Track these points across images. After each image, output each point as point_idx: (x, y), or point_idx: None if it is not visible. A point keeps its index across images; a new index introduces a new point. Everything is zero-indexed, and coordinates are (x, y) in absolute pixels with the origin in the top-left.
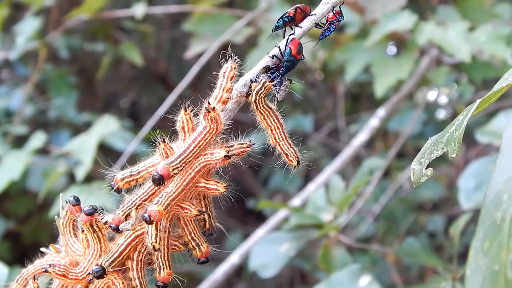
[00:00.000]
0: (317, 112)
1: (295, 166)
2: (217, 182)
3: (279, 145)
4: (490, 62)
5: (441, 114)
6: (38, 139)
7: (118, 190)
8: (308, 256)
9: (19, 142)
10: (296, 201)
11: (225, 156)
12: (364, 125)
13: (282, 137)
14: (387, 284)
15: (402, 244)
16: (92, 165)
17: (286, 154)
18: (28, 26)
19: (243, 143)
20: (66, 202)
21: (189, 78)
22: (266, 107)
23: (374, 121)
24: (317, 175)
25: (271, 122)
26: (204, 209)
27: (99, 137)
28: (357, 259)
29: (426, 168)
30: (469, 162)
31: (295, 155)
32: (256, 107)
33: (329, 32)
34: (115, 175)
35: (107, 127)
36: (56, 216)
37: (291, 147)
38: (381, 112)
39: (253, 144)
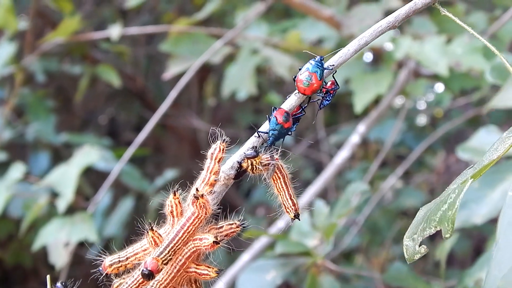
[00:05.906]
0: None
1: (292, 219)
2: (208, 267)
3: (280, 195)
4: (468, 73)
5: (421, 121)
6: (17, 171)
7: (107, 275)
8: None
9: None
10: (280, 223)
11: (213, 242)
12: (344, 139)
13: (283, 188)
14: None
15: (389, 270)
16: (74, 195)
17: (284, 206)
18: (3, 51)
19: (232, 224)
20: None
21: (168, 102)
22: (265, 167)
23: (354, 138)
24: (299, 186)
25: (272, 175)
26: None
27: (80, 168)
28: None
29: (419, 246)
30: (449, 168)
31: (292, 207)
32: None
33: (326, 102)
34: (103, 260)
35: (87, 157)
36: None
37: (290, 199)
38: (361, 128)
39: (243, 224)
